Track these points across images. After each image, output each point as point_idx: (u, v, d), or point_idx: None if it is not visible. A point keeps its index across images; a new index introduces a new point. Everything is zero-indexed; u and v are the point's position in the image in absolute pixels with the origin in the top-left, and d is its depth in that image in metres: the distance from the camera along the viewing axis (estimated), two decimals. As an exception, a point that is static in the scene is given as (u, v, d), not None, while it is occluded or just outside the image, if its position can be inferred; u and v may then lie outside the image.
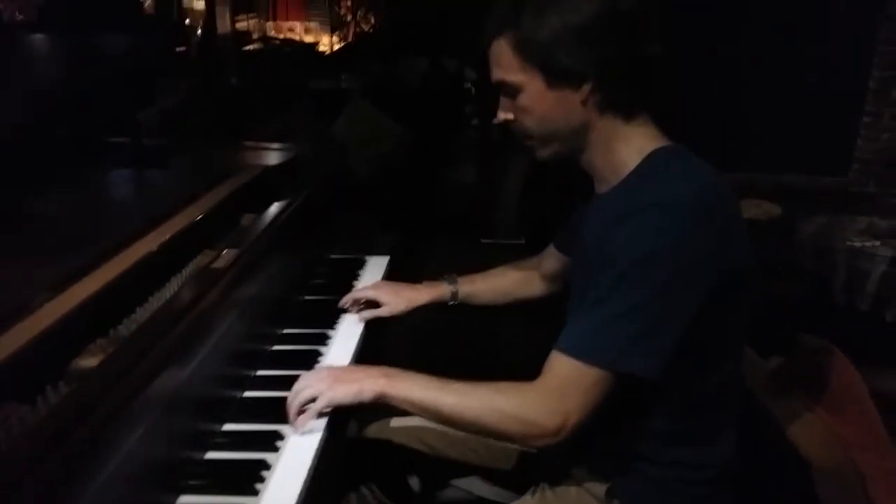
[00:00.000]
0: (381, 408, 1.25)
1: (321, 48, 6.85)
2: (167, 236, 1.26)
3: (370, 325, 1.53)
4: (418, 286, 1.58)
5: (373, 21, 7.22)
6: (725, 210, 1.07)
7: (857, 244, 3.02)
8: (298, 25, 6.95)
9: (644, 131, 1.13)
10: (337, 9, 7.21)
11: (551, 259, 1.55)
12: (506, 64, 1.10)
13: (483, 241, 4.07)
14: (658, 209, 1.01)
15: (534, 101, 1.10)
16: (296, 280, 1.67)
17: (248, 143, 1.94)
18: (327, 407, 1.15)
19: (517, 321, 1.66)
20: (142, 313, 1.12)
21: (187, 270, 1.26)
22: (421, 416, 1.15)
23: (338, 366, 1.34)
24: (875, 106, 4.11)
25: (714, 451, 1.17)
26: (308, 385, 1.16)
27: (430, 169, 4.36)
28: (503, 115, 1.17)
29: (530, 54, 1.07)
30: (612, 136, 1.12)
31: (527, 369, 1.12)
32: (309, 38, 6.92)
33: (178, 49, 6.17)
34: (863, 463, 1.30)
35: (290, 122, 3.83)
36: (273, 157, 1.84)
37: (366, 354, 1.45)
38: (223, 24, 6.83)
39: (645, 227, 1.01)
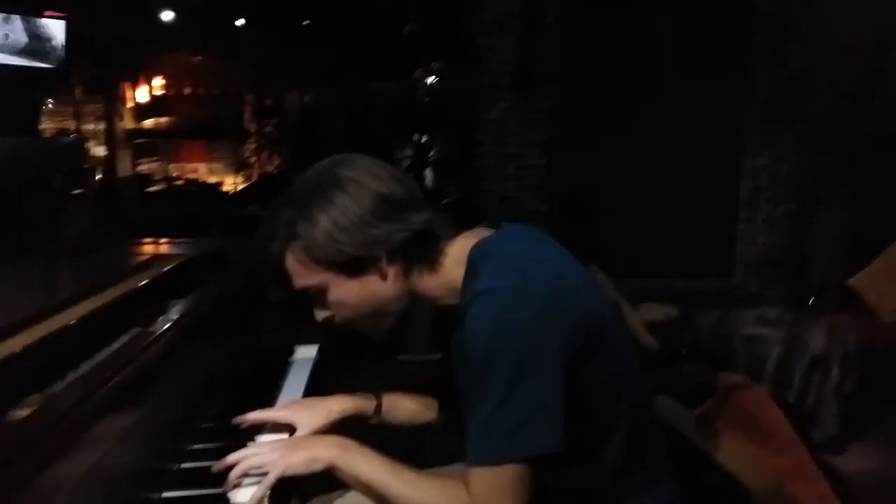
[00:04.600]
0: (326, 483, 1.22)
1: (225, 188, 6.94)
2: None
3: None
4: (337, 396, 1.44)
5: (277, 163, 7.44)
6: (551, 275, 1.10)
7: (752, 332, 3.23)
8: (202, 167, 7.06)
9: (454, 250, 1.18)
10: (241, 151, 7.40)
11: None
12: (303, 272, 1.16)
13: (399, 357, 4.05)
14: (481, 299, 1.05)
15: (341, 293, 1.16)
16: (218, 371, 1.60)
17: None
18: (280, 477, 1.10)
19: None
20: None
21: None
22: (364, 495, 1.13)
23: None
24: (748, 212, 4.55)
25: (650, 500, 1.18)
26: (257, 452, 1.13)
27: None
28: (321, 315, 1.21)
29: (318, 256, 1.14)
30: (431, 281, 1.18)
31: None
32: (213, 179, 7.02)
33: (75, 192, 6.12)
34: (796, 490, 1.35)
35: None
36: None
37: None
38: (124, 168, 6.85)
39: (477, 320, 1.05)
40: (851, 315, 3.51)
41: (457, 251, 1.17)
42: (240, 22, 6.84)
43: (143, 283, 1.45)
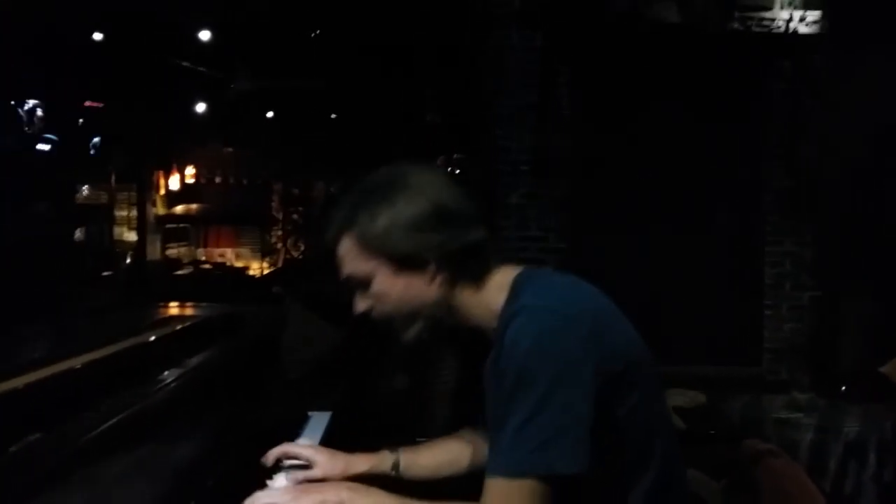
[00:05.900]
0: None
1: (251, 272, 7.03)
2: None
3: None
4: (356, 454, 1.47)
5: (302, 248, 7.56)
6: (592, 305, 1.15)
7: (784, 416, 3.12)
8: (229, 251, 7.19)
9: (499, 276, 1.20)
10: (268, 237, 7.55)
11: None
12: (352, 258, 1.20)
13: (418, 440, 3.95)
14: (523, 314, 1.08)
15: (385, 286, 1.19)
16: (228, 429, 1.58)
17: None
18: None
19: None
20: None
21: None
22: None
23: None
24: (773, 299, 4.48)
25: None
26: (270, 499, 1.16)
27: (363, 372, 4.34)
28: (361, 305, 1.23)
29: (371, 246, 1.17)
30: (472, 298, 1.20)
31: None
32: (239, 263, 7.13)
33: (104, 273, 6.28)
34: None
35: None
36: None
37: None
38: (153, 252, 7.01)
39: (518, 333, 1.06)
40: (885, 402, 3.38)
41: (501, 278, 1.20)
42: (269, 114, 7.12)
43: (155, 337, 1.46)
